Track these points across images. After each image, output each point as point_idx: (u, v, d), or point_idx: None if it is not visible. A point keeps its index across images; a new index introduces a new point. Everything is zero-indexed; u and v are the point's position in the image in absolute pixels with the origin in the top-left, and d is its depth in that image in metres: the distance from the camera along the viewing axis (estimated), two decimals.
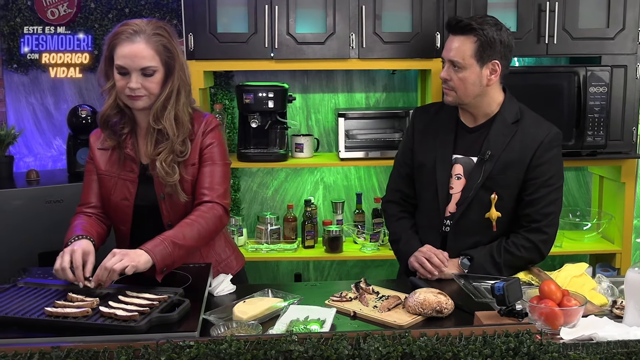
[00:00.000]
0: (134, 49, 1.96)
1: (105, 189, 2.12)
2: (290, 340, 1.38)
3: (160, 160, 2.03)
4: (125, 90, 1.99)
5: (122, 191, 2.10)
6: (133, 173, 2.10)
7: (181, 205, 2.09)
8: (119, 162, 2.10)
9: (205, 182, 2.09)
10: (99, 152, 2.13)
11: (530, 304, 1.68)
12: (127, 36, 1.97)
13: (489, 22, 2.18)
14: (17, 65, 3.53)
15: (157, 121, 2.03)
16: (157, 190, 2.09)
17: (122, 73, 1.98)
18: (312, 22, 3.09)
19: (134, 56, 1.96)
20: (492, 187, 2.20)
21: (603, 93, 3.01)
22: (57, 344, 1.42)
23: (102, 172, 2.12)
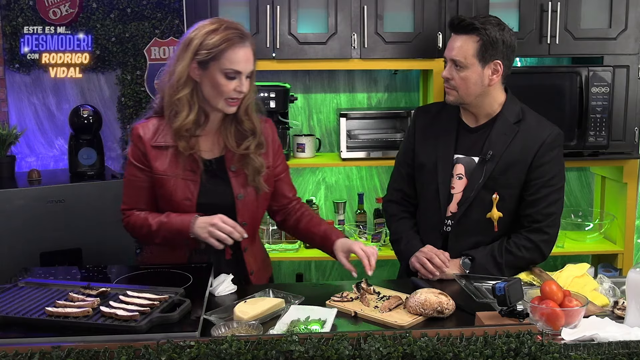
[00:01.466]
0: (248, 53, 1.97)
1: (165, 190, 2.05)
2: (291, 340, 1.38)
3: (253, 154, 2.07)
4: (230, 94, 1.97)
5: (184, 191, 2.04)
6: (194, 173, 2.05)
7: (256, 205, 2.13)
8: (178, 161, 2.04)
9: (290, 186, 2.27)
10: (154, 152, 2.05)
11: (531, 304, 1.68)
12: (240, 40, 1.95)
13: (492, 22, 2.18)
14: (19, 65, 3.53)
15: (248, 117, 2.07)
16: (235, 190, 2.08)
17: (231, 77, 1.96)
18: (313, 22, 3.09)
19: (247, 60, 1.97)
20: (493, 187, 2.20)
21: (605, 93, 3.01)
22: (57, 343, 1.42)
23: (161, 173, 2.04)
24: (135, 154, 2.08)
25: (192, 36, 1.98)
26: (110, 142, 3.64)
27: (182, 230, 1.98)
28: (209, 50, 1.94)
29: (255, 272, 2.19)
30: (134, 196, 2.10)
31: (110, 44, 3.57)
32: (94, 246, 3.04)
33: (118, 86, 3.62)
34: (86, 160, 3.20)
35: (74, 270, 2.23)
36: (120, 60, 3.59)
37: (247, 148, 2.07)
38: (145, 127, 2.07)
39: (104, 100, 3.63)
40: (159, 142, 2.05)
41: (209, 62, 1.95)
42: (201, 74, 1.98)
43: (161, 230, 2.02)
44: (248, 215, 2.12)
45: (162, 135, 2.05)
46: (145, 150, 2.05)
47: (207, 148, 2.09)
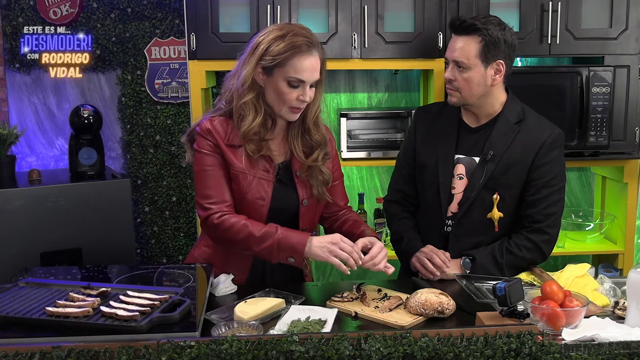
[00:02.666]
0: (314, 63, 1.94)
1: (240, 187, 2.02)
2: (291, 340, 1.38)
3: (319, 165, 2.07)
4: (293, 102, 1.95)
5: (258, 190, 2.02)
6: (268, 173, 2.04)
7: (315, 211, 2.14)
8: (251, 160, 2.02)
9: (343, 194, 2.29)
10: (229, 149, 2.02)
11: (532, 304, 1.68)
12: (307, 49, 1.92)
13: (493, 22, 2.18)
14: (20, 65, 3.54)
15: (317, 127, 2.07)
16: (300, 195, 2.08)
17: (294, 86, 1.94)
18: (314, 22, 3.08)
19: (313, 70, 1.94)
20: (494, 187, 2.20)
21: (606, 93, 3.00)
22: (58, 343, 1.42)
23: (238, 170, 2.01)
24: (208, 145, 2.02)
25: (259, 40, 1.96)
26: (110, 142, 3.64)
27: (298, 247, 1.93)
28: (274, 57, 1.92)
29: (309, 274, 2.24)
30: (218, 187, 2.02)
31: (110, 44, 3.57)
32: (94, 246, 3.04)
33: (118, 86, 3.62)
34: (86, 160, 3.20)
35: (74, 270, 2.23)
36: (120, 60, 3.59)
37: (315, 160, 2.07)
38: (213, 123, 2.03)
39: (105, 100, 3.63)
40: (232, 142, 2.02)
41: (274, 68, 1.94)
42: (265, 80, 1.97)
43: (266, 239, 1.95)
44: (309, 220, 2.13)
45: (232, 135, 2.02)
46: (218, 143, 2.01)
47: (275, 152, 2.08)
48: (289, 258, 1.95)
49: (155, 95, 3.62)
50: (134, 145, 3.65)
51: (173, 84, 3.62)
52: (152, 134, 3.65)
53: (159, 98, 3.63)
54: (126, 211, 3.15)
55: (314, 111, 2.05)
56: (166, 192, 3.70)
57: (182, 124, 3.66)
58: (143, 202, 3.70)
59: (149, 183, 3.69)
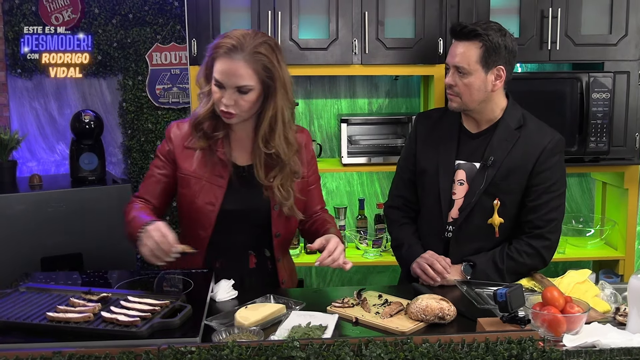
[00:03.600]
0: (232, 67, 1.90)
1: (190, 191, 2.03)
2: (292, 346, 1.38)
3: (276, 185, 2.01)
4: (219, 103, 1.95)
5: (208, 195, 2.02)
6: (222, 178, 2.03)
7: (291, 218, 2.10)
8: (207, 164, 2.03)
9: (319, 198, 2.25)
10: (185, 152, 2.04)
11: (532, 310, 1.67)
12: (226, 51, 1.90)
13: (494, 28, 2.18)
14: (21, 70, 3.54)
15: (267, 145, 1.98)
16: (272, 200, 2.05)
17: (218, 86, 1.94)
18: (315, 28, 3.09)
19: (231, 74, 1.90)
20: (494, 193, 2.20)
21: (606, 99, 3.01)
22: (58, 349, 1.42)
23: (190, 174, 2.03)
24: (163, 149, 2.08)
25: None
26: (111, 147, 3.65)
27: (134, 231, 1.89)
28: (209, 55, 1.95)
29: (287, 282, 2.21)
30: (148, 186, 2.09)
31: (112, 49, 3.58)
32: (94, 251, 3.04)
33: (119, 91, 3.63)
34: (87, 165, 3.21)
35: (75, 275, 2.23)
36: (121, 66, 3.60)
37: (271, 179, 2.02)
38: (180, 127, 2.08)
39: (106, 105, 3.64)
40: (191, 144, 2.04)
41: (212, 66, 1.95)
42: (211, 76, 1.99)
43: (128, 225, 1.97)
44: (282, 226, 2.11)
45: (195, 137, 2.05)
46: (174, 148, 2.05)
47: (240, 154, 2.07)
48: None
49: (156, 100, 3.63)
50: (134, 151, 3.66)
51: (174, 89, 3.63)
52: (153, 140, 3.65)
53: (160, 103, 3.64)
54: None
55: (263, 122, 1.97)
56: None
57: None
58: None
59: None
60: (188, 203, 2.05)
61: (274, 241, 2.12)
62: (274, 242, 2.12)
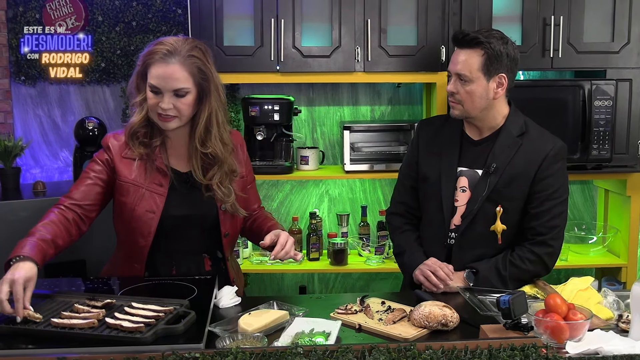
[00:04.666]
0: (168, 70, 1.95)
1: (129, 199, 2.06)
2: (295, 352, 1.38)
3: (216, 182, 2.06)
4: (156, 109, 1.99)
5: (149, 203, 2.05)
6: (162, 186, 2.06)
7: (237, 217, 2.16)
8: (146, 173, 2.06)
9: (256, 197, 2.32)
10: (123, 161, 2.07)
11: (535, 317, 1.68)
12: (162, 56, 1.96)
13: (496, 36, 2.19)
14: (25, 78, 3.56)
15: (204, 145, 2.04)
16: (218, 201, 2.11)
17: (155, 92, 1.98)
18: (317, 36, 3.11)
19: (167, 77, 1.96)
20: (497, 199, 2.21)
21: (608, 107, 3.02)
22: (63, 354, 1.43)
23: (129, 181, 2.06)
24: (102, 156, 2.09)
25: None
26: None
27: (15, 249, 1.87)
28: (141, 63, 2.00)
29: (236, 281, 2.24)
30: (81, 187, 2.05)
31: (115, 57, 3.60)
32: (97, 257, 3.03)
33: (123, 98, 3.64)
34: None
35: (78, 281, 2.24)
36: (125, 73, 3.61)
37: (210, 178, 2.08)
38: (117, 138, 2.10)
39: (109, 112, 3.65)
40: (129, 154, 2.07)
41: (144, 74, 2.00)
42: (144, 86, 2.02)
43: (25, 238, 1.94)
44: (230, 225, 2.16)
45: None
46: (113, 158, 2.07)
47: (179, 161, 2.11)
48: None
49: None
50: None
51: None
52: None
53: None
54: None
55: (199, 124, 2.03)
56: None
57: None
58: None
59: None
60: (128, 211, 2.06)
61: (223, 241, 2.17)
62: (224, 242, 2.17)
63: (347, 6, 3.06)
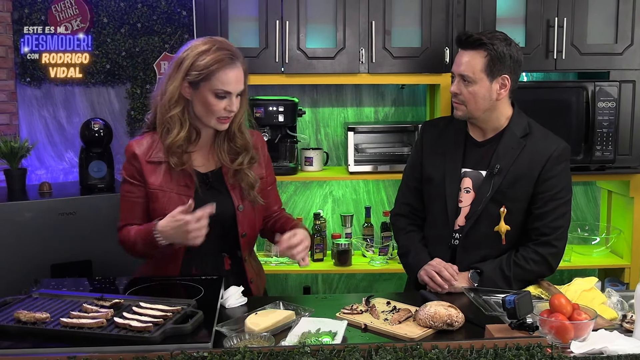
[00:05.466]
0: (238, 74, 2.01)
1: (160, 204, 2.08)
2: (303, 352, 1.40)
3: (244, 168, 2.12)
4: (220, 113, 2.02)
5: (177, 205, 2.03)
6: (189, 188, 2.09)
7: (254, 216, 2.18)
8: (172, 177, 2.08)
9: (276, 198, 2.34)
10: (149, 167, 2.09)
11: (540, 317, 1.69)
12: (229, 61, 1.99)
13: (499, 37, 2.21)
14: (30, 79, 3.58)
15: (241, 134, 2.13)
16: (235, 201, 2.13)
17: (221, 97, 2.00)
18: (322, 37, 3.12)
19: (237, 81, 2.01)
20: (501, 200, 2.22)
21: (611, 108, 3.03)
22: (72, 354, 1.44)
23: (156, 188, 2.08)
24: (130, 170, 2.12)
25: (183, 56, 2.02)
26: (119, 155, 3.67)
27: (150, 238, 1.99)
28: (199, 72, 1.98)
29: (255, 281, 2.25)
30: (129, 211, 2.14)
31: (120, 58, 3.61)
32: (104, 258, 3.06)
33: (128, 100, 3.66)
34: (96, 173, 3.23)
35: (85, 281, 2.25)
36: (130, 75, 3.63)
37: (240, 164, 2.13)
38: (139, 143, 2.12)
39: (114, 113, 3.67)
40: (153, 158, 2.09)
41: (200, 82, 2.00)
42: (192, 93, 2.02)
43: (137, 241, 2.05)
44: (248, 225, 2.17)
45: (155, 150, 2.09)
46: (141, 166, 2.09)
47: (201, 163, 2.14)
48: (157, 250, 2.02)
49: None
50: None
51: None
52: None
53: None
54: None
55: (238, 118, 2.11)
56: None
57: None
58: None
59: None
60: (159, 216, 2.07)
61: (240, 241, 2.18)
62: (241, 242, 2.18)
63: (351, 8, 3.08)
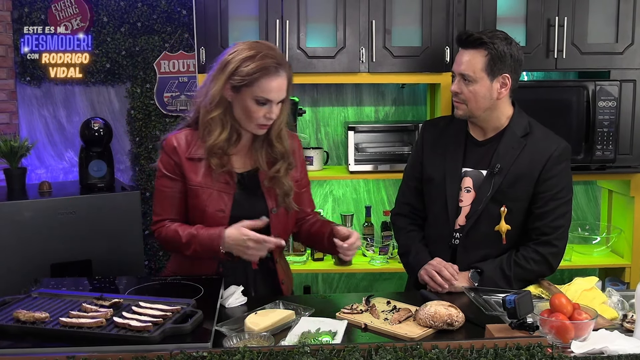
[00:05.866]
0: (281, 83, 1.99)
1: (200, 201, 2.07)
2: (302, 351, 1.39)
3: (282, 175, 2.11)
4: (259, 120, 2.01)
5: (218, 203, 2.06)
6: (228, 185, 2.08)
7: (286, 219, 2.17)
8: (212, 173, 2.07)
9: (310, 201, 2.34)
10: (189, 163, 2.08)
11: (541, 317, 1.68)
12: (275, 70, 1.97)
13: (499, 37, 2.20)
14: (30, 78, 3.57)
15: (280, 140, 2.11)
16: (269, 204, 2.12)
17: (262, 103, 1.99)
18: (322, 36, 3.12)
19: (280, 90, 1.99)
20: (501, 200, 2.21)
21: (612, 107, 3.02)
22: (71, 354, 1.44)
23: (197, 184, 2.07)
24: (168, 164, 2.10)
25: (229, 59, 2.00)
26: (119, 154, 3.67)
27: (212, 246, 2.01)
28: (243, 77, 1.96)
29: (286, 282, 2.25)
30: (166, 207, 2.12)
31: (120, 58, 3.61)
32: (103, 257, 3.06)
33: (128, 99, 3.66)
34: (96, 172, 3.23)
35: (85, 281, 2.25)
36: (130, 74, 3.63)
37: (277, 171, 2.12)
38: (178, 138, 2.10)
39: (114, 113, 3.66)
40: (194, 155, 2.07)
41: (242, 87, 1.98)
42: (233, 96, 2.01)
43: (191, 243, 2.04)
44: (281, 228, 2.15)
45: (195, 147, 2.08)
46: (180, 161, 2.08)
47: (239, 164, 2.12)
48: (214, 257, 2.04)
49: (164, 108, 3.66)
50: (142, 158, 3.68)
51: (182, 97, 3.66)
52: None
53: (168, 111, 3.67)
54: (135, 223, 3.17)
55: (277, 125, 2.09)
56: None
57: None
58: (151, 214, 3.70)
59: None
60: (199, 212, 2.08)
61: None
62: None
63: (351, 7, 3.07)
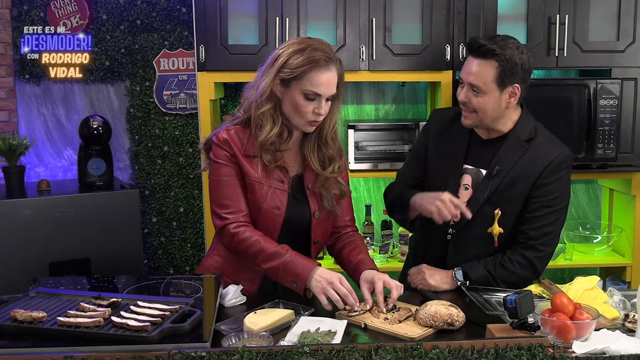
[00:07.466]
0: (331, 77, 1.95)
1: (255, 197, 2.03)
2: (302, 351, 1.38)
3: (336, 176, 2.10)
4: (309, 115, 1.97)
5: (274, 200, 2.03)
6: (283, 183, 2.05)
7: (327, 224, 2.15)
8: (268, 170, 2.04)
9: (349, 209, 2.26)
10: (245, 159, 2.03)
11: (542, 316, 1.67)
12: (324, 63, 1.94)
13: (511, 46, 2.13)
14: (29, 76, 3.56)
15: (334, 142, 2.09)
16: (312, 207, 2.09)
17: (311, 98, 1.96)
18: (322, 34, 3.09)
19: (330, 84, 1.95)
20: (497, 202, 2.19)
21: (613, 106, 3.01)
22: (69, 353, 1.43)
23: (255, 180, 2.03)
24: (225, 156, 2.04)
25: (279, 53, 1.98)
26: (118, 152, 3.66)
27: (301, 276, 1.94)
28: (292, 70, 1.94)
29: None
30: (235, 197, 2.04)
31: (119, 55, 3.60)
32: (102, 256, 3.05)
33: (127, 97, 3.64)
34: (95, 170, 3.22)
35: (83, 280, 2.25)
36: (129, 72, 3.62)
37: (332, 172, 2.09)
38: (230, 133, 2.05)
39: (113, 111, 3.66)
40: (248, 152, 2.03)
41: (291, 81, 1.95)
42: (283, 91, 1.98)
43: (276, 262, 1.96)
44: (320, 233, 2.13)
45: (249, 145, 2.04)
46: (237, 154, 2.03)
47: (289, 163, 2.09)
48: (292, 283, 1.96)
49: (163, 106, 3.65)
50: (142, 156, 3.67)
51: (181, 95, 3.65)
52: (160, 145, 3.67)
53: (167, 109, 3.66)
54: (134, 222, 3.16)
55: (331, 125, 2.07)
56: (174, 203, 3.72)
57: (190, 135, 3.67)
58: (151, 212, 3.71)
59: (156, 194, 3.71)
60: (254, 209, 2.04)
61: (312, 248, 2.14)
62: (312, 249, 2.14)
63: (352, 5, 3.06)
